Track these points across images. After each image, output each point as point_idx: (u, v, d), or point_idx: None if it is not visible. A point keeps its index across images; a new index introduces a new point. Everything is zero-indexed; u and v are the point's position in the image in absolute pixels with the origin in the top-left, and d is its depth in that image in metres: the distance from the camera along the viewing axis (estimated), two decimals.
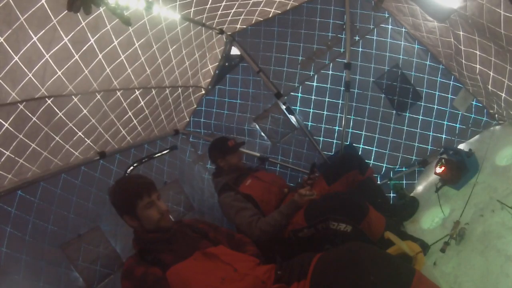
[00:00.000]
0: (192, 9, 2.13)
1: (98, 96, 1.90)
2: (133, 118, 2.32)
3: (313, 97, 3.01)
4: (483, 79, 2.16)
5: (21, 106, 1.47)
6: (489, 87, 2.14)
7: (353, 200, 2.03)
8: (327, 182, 2.49)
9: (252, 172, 2.61)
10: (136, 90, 2.18)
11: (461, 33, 2.06)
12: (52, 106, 1.64)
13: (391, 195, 2.87)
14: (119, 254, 2.10)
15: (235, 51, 3.02)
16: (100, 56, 1.68)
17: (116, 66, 1.84)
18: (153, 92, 2.37)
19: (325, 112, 3.02)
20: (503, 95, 2.07)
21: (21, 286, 1.60)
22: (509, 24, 1.55)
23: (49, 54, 1.41)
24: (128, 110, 2.22)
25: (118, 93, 2.04)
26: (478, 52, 2.03)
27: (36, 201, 1.79)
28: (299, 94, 3.03)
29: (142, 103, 2.31)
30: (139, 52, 1.95)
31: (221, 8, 2.37)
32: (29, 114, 1.54)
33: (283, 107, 3.05)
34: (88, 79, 1.72)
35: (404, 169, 2.94)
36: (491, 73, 2.03)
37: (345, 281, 1.18)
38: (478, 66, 2.12)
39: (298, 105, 3.05)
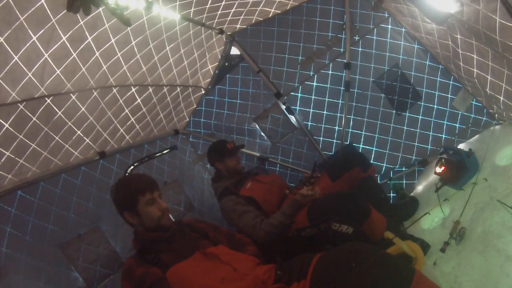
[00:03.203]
0: (192, 9, 2.13)
1: (95, 93, 1.90)
2: (130, 116, 2.32)
3: (313, 97, 3.02)
4: (481, 83, 2.16)
5: (21, 106, 1.47)
6: (488, 90, 2.14)
7: (356, 202, 2.02)
8: (330, 178, 2.51)
9: (251, 175, 2.61)
10: (132, 87, 2.18)
11: (458, 36, 2.06)
12: (52, 105, 1.65)
13: (391, 195, 2.87)
14: (119, 254, 2.10)
15: (235, 51, 3.02)
16: (97, 53, 1.69)
17: (113, 63, 1.85)
18: (150, 90, 2.37)
19: (325, 112, 3.03)
20: (502, 98, 2.07)
21: (21, 286, 1.60)
22: (505, 31, 1.54)
23: (48, 53, 1.41)
24: (125, 108, 2.22)
25: (114, 90, 2.04)
26: (475, 56, 2.03)
27: (36, 201, 1.79)
28: (299, 94, 3.03)
29: (139, 100, 2.31)
30: (135, 49, 1.95)
31: (221, 7, 2.37)
32: (29, 114, 1.54)
33: (283, 107, 3.05)
34: (85, 77, 1.73)
35: (404, 169, 2.95)
36: (489, 77, 2.03)
37: (345, 281, 1.18)
38: (475, 70, 2.12)
39: (298, 105, 3.05)
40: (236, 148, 2.63)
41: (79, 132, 1.92)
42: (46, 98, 1.59)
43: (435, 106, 2.80)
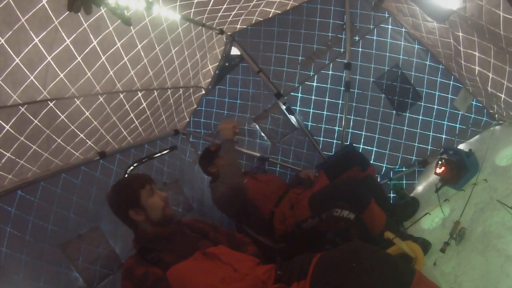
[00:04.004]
0: (193, 9, 2.13)
1: (101, 99, 1.89)
2: (134, 120, 2.32)
3: (313, 97, 3.02)
4: (482, 81, 2.16)
5: (23, 109, 1.46)
6: (489, 88, 2.14)
7: (356, 189, 2.04)
8: (329, 178, 2.52)
9: (249, 173, 2.63)
10: (138, 92, 2.18)
11: (460, 34, 2.06)
12: (54, 109, 1.63)
13: (391, 195, 2.88)
14: (119, 254, 2.10)
15: (235, 51, 3.02)
16: (103, 58, 1.68)
17: (119, 68, 1.84)
18: (155, 93, 2.37)
19: (325, 112, 3.03)
20: (503, 96, 2.07)
21: (21, 286, 1.60)
22: (509, 26, 1.54)
23: (51, 56, 1.40)
24: (130, 112, 2.22)
25: (121, 95, 2.04)
26: (477, 54, 2.03)
27: (36, 201, 1.79)
28: (299, 94, 3.03)
29: (144, 104, 2.32)
30: (142, 53, 1.94)
31: (222, 9, 2.37)
32: (31, 117, 1.53)
33: (283, 107, 3.06)
34: (91, 82, 1.71)
35: (404, 169, 2.95)
36: (490, 75, 2.03)
37: (345, 281, 1.18)
38: (477, 68, 2.12)
39: (298, 105, 3.05)
40: (220, 146, 2.64)
41: (82, 135, 1.92)
42: (49, 102, 1.58)
43: (435, 107, 2.80)
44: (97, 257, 1.98)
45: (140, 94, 2.21)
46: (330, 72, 2.97)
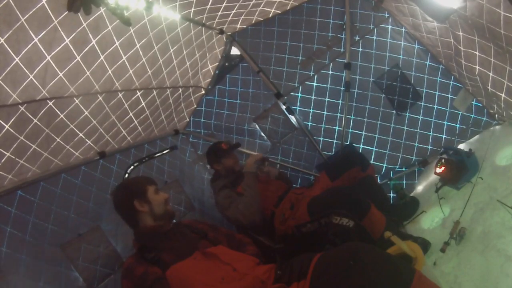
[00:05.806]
0: (192, 9, 2.13)
1: (100, 98, 1.90)
2: (134, 119, 2.32)
3: (313, 97, 3.01)
4: (483, 80, 2.16)
5: (22, 108, 1.47)
6: (489, 87, 2.14)
7: (356, 196, 2.04)
8: (330, 178, 2.52)
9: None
10: (137, 91, 2.18)
11: (460, 33, 2.06)
12: (53, 108, 1.64)
13: (391, 195, 2.88)
14: (120, 253, 2.10)
15: (235, 51, 3.02)
16: (102, 57, 1.68)
17: (118, 67, 1.84)
18: (154, 92, 2.37)
19: (325, 112, 3.03)
20: (503, 95, 2.07)
21: (21, 286, 1.60)
22: (509, 25, 1.55)
23: (50, 55, 1.40)
24: (129, 111, 2.22)
25: (120, 95, 2.04)
26: (477, 53, 2.03)
27: (36, 201, 1.79)
28: (299, 94, 3.03)
29: (143, 103, 2.32)
30: (140, 53, 1.95)
31: (222, 9, 2.37)
32: (30, 116, 1.53)
33: (283, 107, 3.06)
34: (90, 81, 1.72)
35: (404, 169, 2.95)
36: (491, 74, 2.03)
37: (345, 281, 1.18)
38: (477, 67, 2.12)
39: (298, 105, 3.05)
40: (232, 147, 2.64)
41: (81, 134, 1.92)
42: (48, 101, 1.58)
43: (435, 106, 2.80)
44: (97, 257, 1.98)
45: (139, 93, 2.21)
46: (330, 72, 2.96)
